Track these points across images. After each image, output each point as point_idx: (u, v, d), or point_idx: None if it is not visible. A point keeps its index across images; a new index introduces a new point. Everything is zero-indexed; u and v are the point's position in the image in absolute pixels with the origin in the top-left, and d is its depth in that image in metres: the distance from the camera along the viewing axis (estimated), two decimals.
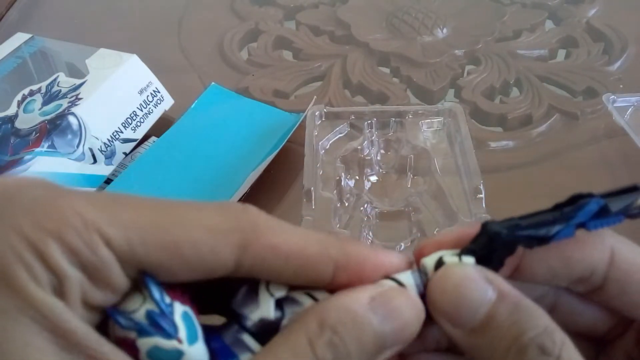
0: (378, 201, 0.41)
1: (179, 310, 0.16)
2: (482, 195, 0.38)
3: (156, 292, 0.15)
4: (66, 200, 0.15)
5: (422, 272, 0.19)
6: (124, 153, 0.44)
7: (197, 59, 0.58)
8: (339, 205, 0.40)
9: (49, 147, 0.39)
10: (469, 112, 0.50)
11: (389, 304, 0.18)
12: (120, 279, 0.15)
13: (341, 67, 0.56)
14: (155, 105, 0.46)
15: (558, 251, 0.20)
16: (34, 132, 0.40)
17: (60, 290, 0.14)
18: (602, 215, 0.19)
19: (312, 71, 0.56)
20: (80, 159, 0.41)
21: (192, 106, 0.49)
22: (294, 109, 0.49)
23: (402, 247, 0.38)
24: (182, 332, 0.15)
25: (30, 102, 0.44)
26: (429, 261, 0.19)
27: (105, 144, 0.42)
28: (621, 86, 0.52)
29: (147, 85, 0.46)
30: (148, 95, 0.46)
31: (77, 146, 0.41)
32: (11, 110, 0.43)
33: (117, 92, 0.44)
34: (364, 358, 0.17)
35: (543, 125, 0.49)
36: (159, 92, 0.47)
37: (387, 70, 0.56)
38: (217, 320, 0.19)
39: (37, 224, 0.14)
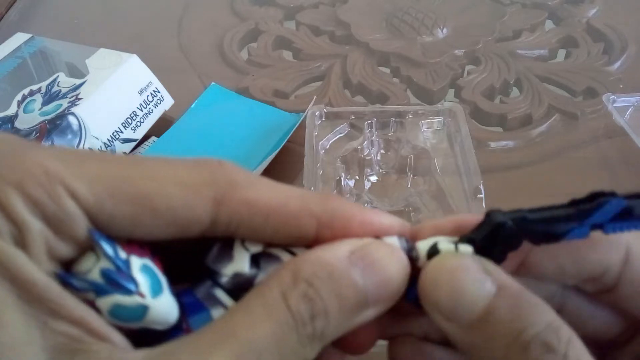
0: (378, 201, 0.41)
1: (137, 263, 0.15)
2: (482, 195, 0.38)
3: (108, 248, 0.14)
4: (30, 153, 0.14)
5: (409, 242, 0.18)
6: (124, 153, 0.44)
7: (197, 59, 0.58)
8: None
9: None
10: (469, 112, 0.50)
11: (370, 257, 0.16)
12: (82, 231, 0.15)
13: (341, 67, 0.56)
14: (155, 105, 0.46)
15: (568, 247, 0.18)
16: (34, 132, 0.40)
17: (22, 241, 0.13)
18: (623, 218, 0.17)
19: (312, 71, 0.56)
20: None
21: (192, 106, 0.49)
22: (294, 109, 0.49)
23: None
24: (144, 286, 0.14)
25: (30, 102, 0.44)
26: (423, 246, 0.18)
27: (105, 144, 0.42)
28: (621, 86, 0.52)
29: (147, 85, 0.46)
30: (148, 95, 0.46)
31: (77, 146, 0.41)
32: (11, 110, 0.43)
33: (117, 92, 0.44)
34: (344, 315, 0.16)
35: (543, 125, 0.49)
36: (159, 92, 0.47)
37: (387, 70, 0.56)
38: None
39: (9, 189, 0.14)
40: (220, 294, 0.16)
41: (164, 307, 0.15)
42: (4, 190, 0.13)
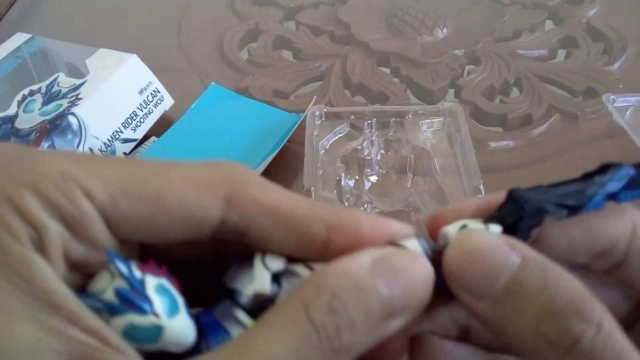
0: (378, 201, 0.41)
1: (152, 282, 0.14)
2: (482, 195, 0.38)
3: (123, 267, 0.14)
4: (43, 157, 0.14)
5: (429, 240, 0.18)
6: (124, 153, 0.44)
7: (197, 59, 0.58)
8: (339, 205, 0.40)
9: (49, 147, 0.39)
10: (469, 112, 0.50)
11: (394, 266, 0.16)
12: (103, 234, 0.15)
13: (341, 67, 0.56)
14: (155, 105, 0.46)
15: (580, 222, 0.18)
16: (34, 132, 0.40)
17: (40, 244, 0.13)
18: (634, 187, 0.18)
19: (312, 71, 0.56)
20: None
21: (192, 106, 0.49)
22: (294, 109, 0.49)
23: None
24: (159, 306, 0.14)
25: (30, 102, 0.44)
26: (452, 229, 0.18)
27: (105, 144, 0.42)
28: (621, 86, 0.52)
29: (147, 85, 0.46)
30: (148, 95, 0.46)
31: (77, 146, 0.41)
32: (11, 110, 0.43)
33: (117, 92, 0.44)
34: (371, 326, 0.15)
35: (543, 125, 0.49)
36: (159, 92, 0.47)
37: (387, 70, 0.56)
38: None
39: (12, 177, 0.13)
40: (240, 314, 0.16)
41: (180, 327, 0.15)
42: (20, 193, 0.13)
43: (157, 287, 0.14)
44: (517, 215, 0.17)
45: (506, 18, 0.62)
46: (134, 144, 0.44)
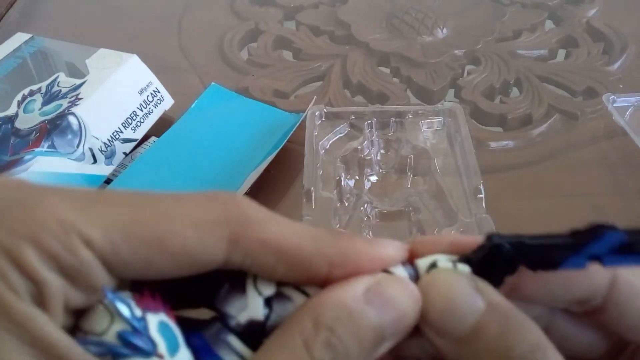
0: (378, 201, 0.41)
1: (154, 321, 0.14)
2: (482, 195, 0.38)
3: (124, 309, 0.14)
4: (41, 202, 0.14)
5: (414, 269, 0.18)
6: (124, 153, 0.44)
7: (197, 59, 0.58)
8: (339, 205, 0.40)
9: (49, 147, 0.39)
10: (469, 112, 0.50)
11: (385, 294, 0.17)
12: (104, 280, 0.15)
13: (341, 67, 0.56)
14: (155, 105, 0.46)
15: (558, 274, 0.18)
16: (34, 132, 0.40)
17: (40, 298, 0.13)
18: (623, 252, 0.17)
19: (312, 71, 0.56)
20: (81, 159, 0.41)
21: (192, 106, 0.49)
22: (294, 109, 0.49)
23: None
24: (162, 346, 0.14)
25: (30, 102, 0.44)
26: (422, 263, 0.18)
27: (105, 144, 0.42)
28: (621, 86, 0.52)
29: (147, 85, 0.46)
30: (148, 95, 0.46)
31: (77, 146, 0.41)
32: (11, 110, 0.43)
33: (117, 92, 0.44)
34: (364, 353, 0.16)
35: (543, 125, 0.49)
36: (159, 92, 0.47)
37: (387, 70, 0.56)
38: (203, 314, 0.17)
39: (10, 229, 0.13)
40: (233, 340, 0.16)
41: None
42: (19, 246, 0.13)
43: (158, 325, 0.14)
44: (489, 261, 0.18)
45: (506, 18, 0.62)
46: (134, 144, 0.44)
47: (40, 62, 0.48)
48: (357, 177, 0.43)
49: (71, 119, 0.41)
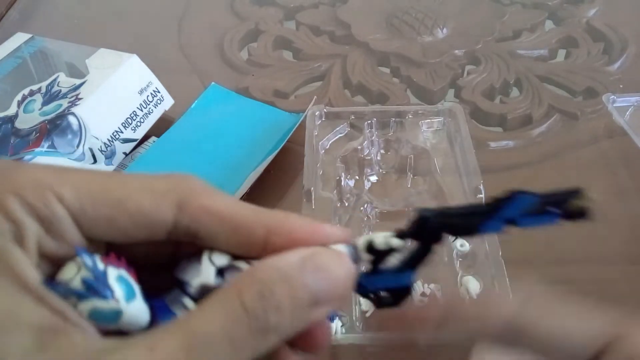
0: (378, 201, 0.41)
1: (113, 273, 0.17)
2: (482, 195, 0.38)
3: (88, 260, 0.16)
4: (24, 168, 0.17)
5: (356, 250, 0.20)
6: (124, 153, 0.44)
7: (197, 59, 0.58)
8: (339, 205, 0.40)
9: (49, 147, 0.39)
10: (469, 112, 0.50)
11: (319, 262, 0.18)
12: (73, 232, 0.17)
13: (341, 67, 0.56)
14: (155, 105, 0.46)
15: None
16: (34, 132, 0.40)
17: (19, 238, 0.16)
18: (537, 214, 0.19)
19: (312, 71, 0.56)
20: (81, 159, 0.41)
21: (192, 106, 0.49)
22: (294, 109, 0.49)
23: None
24: (118, 293, 0.16)
25: (30, 102, 0.44)
26: (360, 242, 0.20)
27: (105, 144, 0.42)
28: (621, 86, 0.52)
29: (147, 85, 0.46)
30: (148, 95, 0.46)
31: (77, 146, 0.41)
32: (11, 110, 0.43)
33: (117, 92, 0.44)
34: (297, 312, 0.18)
35: (543, 125, 0.49)
36: (159, 92, 0.47)
37: (387, 70, 0.56)
38: None
39: (10, 197, 0.16)
40: (187, 301, 0.18)
41: (136, 311, 0.17)
42: (4, 197, 0.16)
43: (117, 277, 0.17)
44: (417, 232, 0.20)
45: (506, 18, 0.62)
46: (134, 143, 0.44)
47: (40, 62, 0.48)
48: (357, 177, 0.43)
49: (71, 119, 0.41)
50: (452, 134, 0.44)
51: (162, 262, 0.20)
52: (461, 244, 0.37)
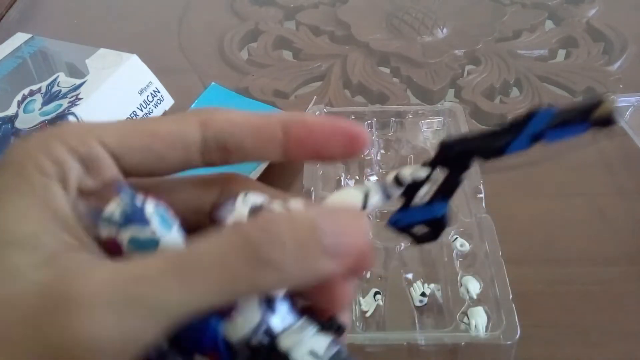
0: None
1: (150, 206, 0.18)
2: (482, 195, 0.38)
3: (127, 193, 0.18)
4: (69, 123, 0.21)
5: (386, 184, 0.21)
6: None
7: (197, 59, 0.58)
8: None
9: None
10: (469, 112, 0.50)
11: (332, 211, 0.19)
12: (113, 171, 0.19)
13: (341, 67, 0.56)
14: (156, 105, 0.46)
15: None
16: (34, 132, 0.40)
17: (62, 178, 0.18)
18: (562, 126, 0.18)
19: (312, 71, 0.56)
20: None
21: (192, 106, 0.49)
22: (294, 109, 0.49)
23: (402, 247, 0.38)
24: (155, 223, 0.18)
25: (30, 102, 0.44)
26: (389, 177, 0.21)
27: None
28: (621, 86, 0.52)
29: (147, 85, 0.46)
30: (148, 95, 0.46)
31: None
32: (11, 110, 0.43)
33: (117, 92, 0.44)
34: (304, 256, 0.17)
35: None
36: (159, 92, 0.47)
37: (387, 70, 0.56)
38: None
39: (48, 133, 0.19)
40: None
41: (172, 242, 0.18)
42: (50, 141, 0.18)
43: (154, 210, 0.18)
44: (443, 159, 0.20)
45: (506, 18, 0.62)
46: None
47: (40, 62, 0.48)
48: (357, 177, 0.43)
49: (71, 119, 0.41)
50: (451, 134, 0.44)
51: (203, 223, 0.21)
52: (461, 244, 0.37)
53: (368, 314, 0.35)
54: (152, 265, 0.16)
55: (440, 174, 0.20)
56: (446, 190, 0.20)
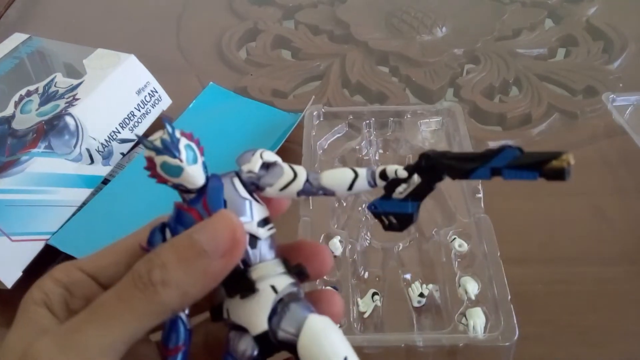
0: None
1: (184, 142, 0.21)
2: (481, 195, 0.38)
3: (169, 128, 0.21)
4: (64, 263, 0.24)
5: (374, 174, 0.24)
6: (122, 153, 0.44)
7: (196, 59, 0.58)
8: (337, 205, 0.40)
9: (46, 147, 0.39)
10: (468, 111, 0.50)
11: (202, 222, 0.21)
12: (92, 287, 0.23)
13: (340, 67, 0.56)
14: (153, 105, 0.46)
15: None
16: (31, 133, 0.40)
17: (48, 303, 0.22)
18: (519, 168, 0.21)
19: (310, 70, 0.56)
20: (78, 159, 0.41)
21: (190, 106, 0.48)
22: (293, 109, 0.49)
23: (401, 247, 0.38)
24: (183, 155, 0.21)
25: (27, 102, 0.44)
26: (377, 170, 0.24)
27: (102, 144, 0.42)
28: (621, 85, 0.52)
29: (145, 85, 0.46)
30: (146, 95, 0.46)
31: (75, 147, 0.41)
32: (8, 111, 0.43)
33: (114, 92, 0.44)
34: (188, 265, 0.20)
35: (542, 125, 0.49)
36: (156, 92, 0.47)
37: (386, 70, 0.56)
38: None
39: (45, 276, 0.23)
40: (235, 180, 0.23)
41: (194, 173, 0.22)
42: (45, 280, 0.23)
43: (187, 145, 0.21)
44: (419, 167, 0.22)
45: (506, 17, 0.62)
46: (131, 144, 0.44)
47: (37, 62, 0.48)
48: None
49: (68, 119, 0.41)
50: (450, 133, 0.44)
51: None
52: (459, 244, 0.37)
53: (366, 315, 0.34)
54: (77, 318, 0.21)
55: (418, 179, 0.23)
56: (419, 194, 0.23)
